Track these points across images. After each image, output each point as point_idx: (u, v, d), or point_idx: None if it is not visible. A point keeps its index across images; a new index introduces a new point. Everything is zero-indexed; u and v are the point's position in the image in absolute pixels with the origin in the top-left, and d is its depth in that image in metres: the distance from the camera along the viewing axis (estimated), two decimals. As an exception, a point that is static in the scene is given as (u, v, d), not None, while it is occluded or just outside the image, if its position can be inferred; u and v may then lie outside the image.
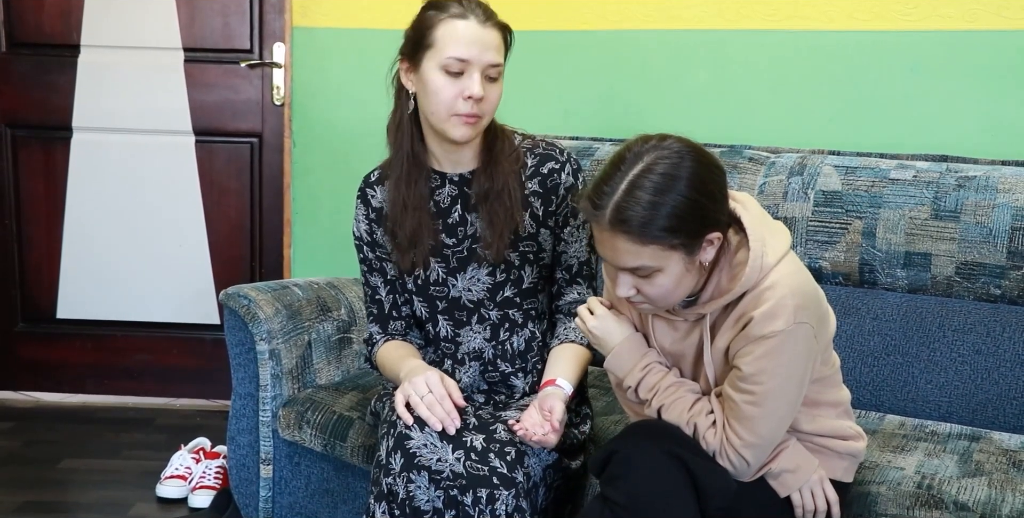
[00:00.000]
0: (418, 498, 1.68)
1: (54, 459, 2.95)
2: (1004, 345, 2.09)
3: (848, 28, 2.56)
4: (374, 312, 2.00)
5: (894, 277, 2.22)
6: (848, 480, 1.70)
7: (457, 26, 1.76)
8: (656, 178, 1.44)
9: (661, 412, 1.61)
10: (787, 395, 1.53)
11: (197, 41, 3.23)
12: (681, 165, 1.45)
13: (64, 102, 3.28)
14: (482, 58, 1.76)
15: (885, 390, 2.17)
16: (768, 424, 1.53)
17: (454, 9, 1.78)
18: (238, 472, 2.38)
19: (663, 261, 1.47)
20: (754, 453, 1.55)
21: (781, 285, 1.49)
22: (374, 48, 3.15)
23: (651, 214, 1.43)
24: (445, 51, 1.76)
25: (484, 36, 1.77)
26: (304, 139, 3.24)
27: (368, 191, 1.97)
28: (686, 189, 1.44)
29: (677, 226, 1.44)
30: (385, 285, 1.98)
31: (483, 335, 1.94)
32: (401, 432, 1.71)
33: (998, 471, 1.81)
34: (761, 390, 1.51)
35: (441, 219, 1.91)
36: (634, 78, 2.84)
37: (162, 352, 3.41)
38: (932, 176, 2.20)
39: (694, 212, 1.45)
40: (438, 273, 1.92)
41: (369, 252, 1.97)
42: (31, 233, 3.37)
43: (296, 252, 3.30)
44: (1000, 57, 2.41)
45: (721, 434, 1.56)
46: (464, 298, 1.93)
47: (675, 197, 1.43)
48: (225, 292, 2.32)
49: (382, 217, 1.94)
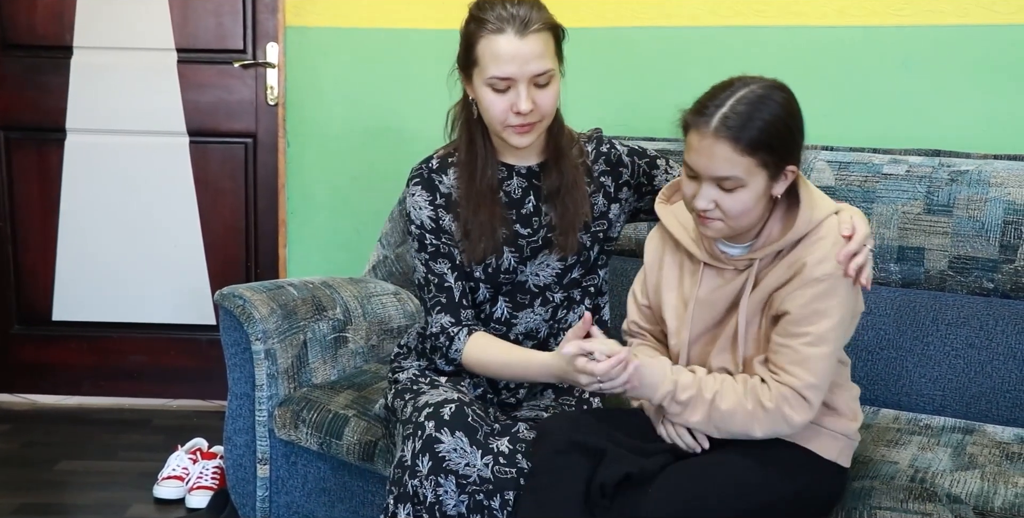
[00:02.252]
0: (446, 503, 1.67)
1: (51, 461, 2.95)
2: (997, 338, 2.10)
3: (841, 24, 2.56)
4: (442, 301, 1.89)
5: (887, 271, 2.23)
6: (845, 464, 1.71)
7: (495, 43, 1.73)
8: (763, 99, 1.56)
9: (717, 400, 1.62)
10: (837, 338, 1.60)
11: (190, 41, 3.23)
12: (785, 95, 1.59)
13: (58, 104, 3.28)
14: (525, 71, 1.74)
15: (879, 384, 2.17)
16: (826, 364, 1.59)
17: (491, 24, 1.74)
18: (235, 472, 2.38)
19: (751, 176, 1.56)
20: (815, 394, 1.59)
21: (831, 236, 1.60)
22: (367, 47, 3.18)
23: (757, 126, 1.54)
24: (487, 71, 1.75)
25: (524, 49, 1.73)
26: (298, 139, 3.24)
27: (434, 177, 1.91)
28: (785, 114, 1.57)
29: (774, 144, 1.55)
30: (453, 271, 1.90)
31: (543, 316, 1.94)
32: (430, 435, 1.69)
33: (991, 464, 1.82)
34: (816, 330, 1.57)
35: (515, 210, 1.90)
36: (628, 75, 2.84)
37: (158, 353, 3.41)
38: (925, 171, 2.21)
39: (788, 135, 1.57)
40: (510, 262, 1.90)
41: (434, 239, 1.89)
42: (26, 235, 3.37)
43: (291, 252, 3.30)
44: (992, 52, 2.41)
45: (776, 387, 1.59)
46: (531, 283, 1.93)
47: (777, 118, 1.56)
48: (220, 292, 2.33)
49: (451, 203, 1.89)
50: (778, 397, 1.59)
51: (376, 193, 3.09)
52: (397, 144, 3.13)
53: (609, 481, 1.59)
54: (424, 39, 3.03)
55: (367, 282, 2.60)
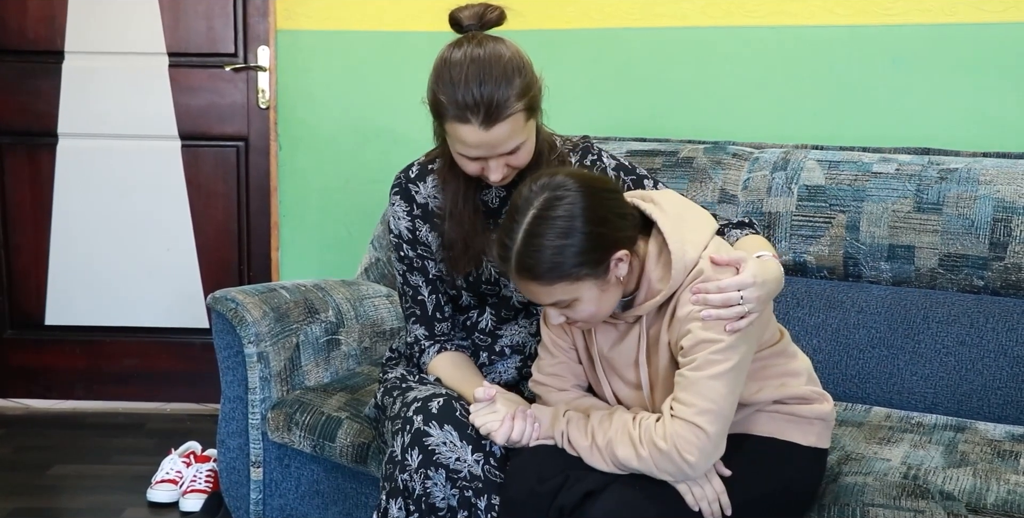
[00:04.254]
0: (434, 495, 1.67)
1: (44, 465, 2.95)
2: (988, 336, 2.11)
3: (829, 23, 2.57)
4: (416, 313, 1.92)
5: (878, 270, 2.23)
6: (824, 445, 1.71)
7: (460, 131, 1.63)
8: (549, 223, 1.50)
9: (613, 446, 1.58)
10: (728, 359, 1.51)
11: (181, 45, 3.23)
12: (571, 204, 1.50)
13: (49, 108, 3.27)
14: (493, 153, 1.66)
15: (870, 382, 2.18)
16: (717, 386, 1.50)
17: (453, 110, 1.61)
18: (228, 475, 2.38)
19: (576, 292, 1.53)
20: (708, 420, 1.49)
21: (706, 270, 1.54)
22: (358, 50, 3.18)
23: (551, 259, 1.50)
24: (455, 146, 1.68)
25: (489, 138, 1.62)
26: (290, 142, 3.24)
27: (411, 187, 1.88)
28: (581, 225, 1.50)
29: (579, 262, 1.50)
30: (427, 284, 1.90)
31: (528, 330, 1.92)
32: (419, 429, 1.69)
33: (983, 461, 1.82)
34: (703, 355, 1.51)
35: (492, 219, 1.87)
36: (618, 76, 2.85)
37: (151, 357, 3.41)
38: (914, 169, 2.21)
39: (593, 245, 1.51)
40: (491, 272, 1.88)
41: (410, 250, 1.89)
42: (18, 240, 3.37)
43: (284, 255, 3.30)
44: (980, 50, 2.42)
45: (669, 423, 1.53)
46: (515, 298, 1.89)
47: (572, 237, 1.49)
48: (213, 295, 2.32)
49: (428, 213, 1.87)
50: (672, 435, 1.51)
51: (368, 195, 3.09)
52: (389, 146, 3.13)
53: (568, 503, 1.58)
54: (415, 41, 3.03)
55: (359, 284, 2.60)
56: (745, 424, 1.65)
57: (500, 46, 1.65)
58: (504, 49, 1.65)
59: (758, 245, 1.71)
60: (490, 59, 1.62)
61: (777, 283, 1.59)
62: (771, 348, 1.66)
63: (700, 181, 2.38)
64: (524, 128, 1.67)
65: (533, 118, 1.70)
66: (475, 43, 1.65)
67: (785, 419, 1.66)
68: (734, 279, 1.52)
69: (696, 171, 2.40)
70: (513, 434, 1.66)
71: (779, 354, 1.68)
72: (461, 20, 1.69)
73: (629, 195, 1.64)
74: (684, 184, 2.39)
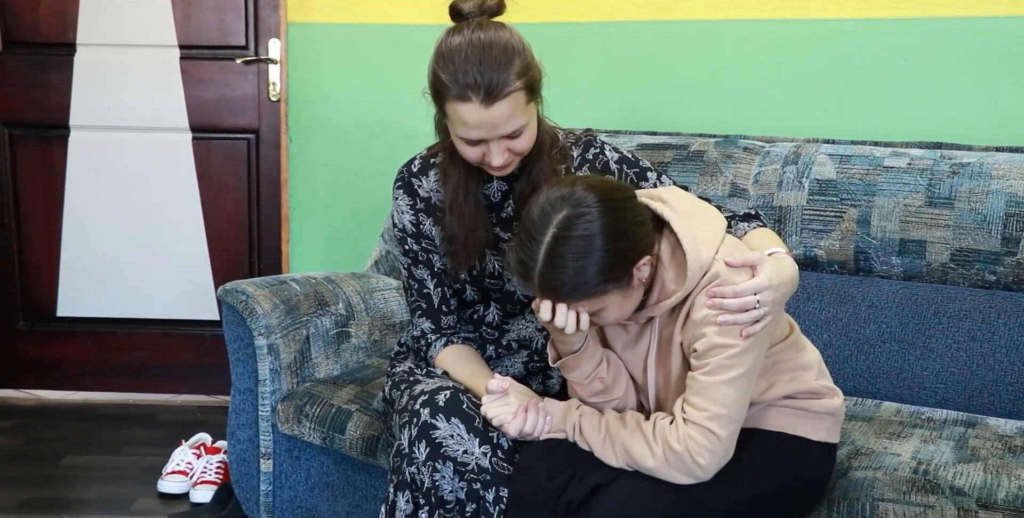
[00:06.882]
0: (442, 488, 1.68)
1: (56, 456, 2.96)
2: (999, 331, 2.10)
3: (841, 16, 2.56)
4: (422, 306, 1.92)
5: (889, 265, 2.23)
6: (834, 440, 1.71)
7: (460, 110, 1.63)
8: (571, 243, 1.48)
9: (627, 445, 1.59)
10: (741, 364, 1.52)
11: (193, 38, 3.24)
12: (591, 221, 1.48)
13: (61, 101, 3.28)
14: (495, 134, 1.65)
15: (881, 377, 2.17)
16: (729, 391, 1.51)
17: (453, 90, 1.62)
18: (238, 467, 2.38)
19: (601, 303, 1.53)
20: (720, 424, 1.51)
21: (721, 273, 1.54)
22: (369, 43, 3.18)
23: (575, 279, 1.49)
24: (456, 129, 1.68)
25: (492, 116, 1.62)
26: (300, 134, 3.24)
27: (413, 181, 1.88)
28: (603, 243, 1.48)
29: (602, 279, 1.49)
30: (432, 277, 1.90)
31: (536, 324, 1.92)
32: (426, 422, 1.69)
33: (994, 456, 1.81)
34: (716, 359, 1.52)
35: (494, 213, 1.87)
36: (628, 70, 2.84)
37: (162, 348, 3.42)
38: (926, 163, 2.21)
39: (615, 262, 1.50)
40: (494, 266, 1.88)
41: (414, 244, 1.89)
42: (30, 232, 3.38)
43: (294, 247, 3.31)
44: (993, 43, 2.41)
45: (682, 427, 1.54)
46: (519, 293, 1.89)
47: (593, 257, 1.48)
48: (223, 288, 2.33)
49: (431, 207, 1.88)
50: (685, 438, 1.53)
51: (378, 188, 3.09)
52: (399, 139, 3.13)
53: (576, 498, 1.59)
54: (426, 34, 2.97)
55: (369, 277, 2.60)
56: (755, 419, 1.65)
57: (501, 29, 1.68)
58: (505, 32, 1.67)
59: (769, 240, 1.71)
60: (491, 40, 1.64)
61: (792, 283, 1.59)
62: (782, 342, 1.66)
63: (711, 175, 2.38)
64: (525, 110, 1.67)
65: (534, 102, 1.70)
66: (475, 26, 1.67)
67: (795, 414, 1.66)
68: (750, 283, 1.52)
69: (707, 165, 2.39)
70: (526, 427, 1.66)
71: (790, 347, 1.68)
72: (462, 9, 1.71)
73: (637, 195, 1.63)
74: (695, 178, 2.38)
